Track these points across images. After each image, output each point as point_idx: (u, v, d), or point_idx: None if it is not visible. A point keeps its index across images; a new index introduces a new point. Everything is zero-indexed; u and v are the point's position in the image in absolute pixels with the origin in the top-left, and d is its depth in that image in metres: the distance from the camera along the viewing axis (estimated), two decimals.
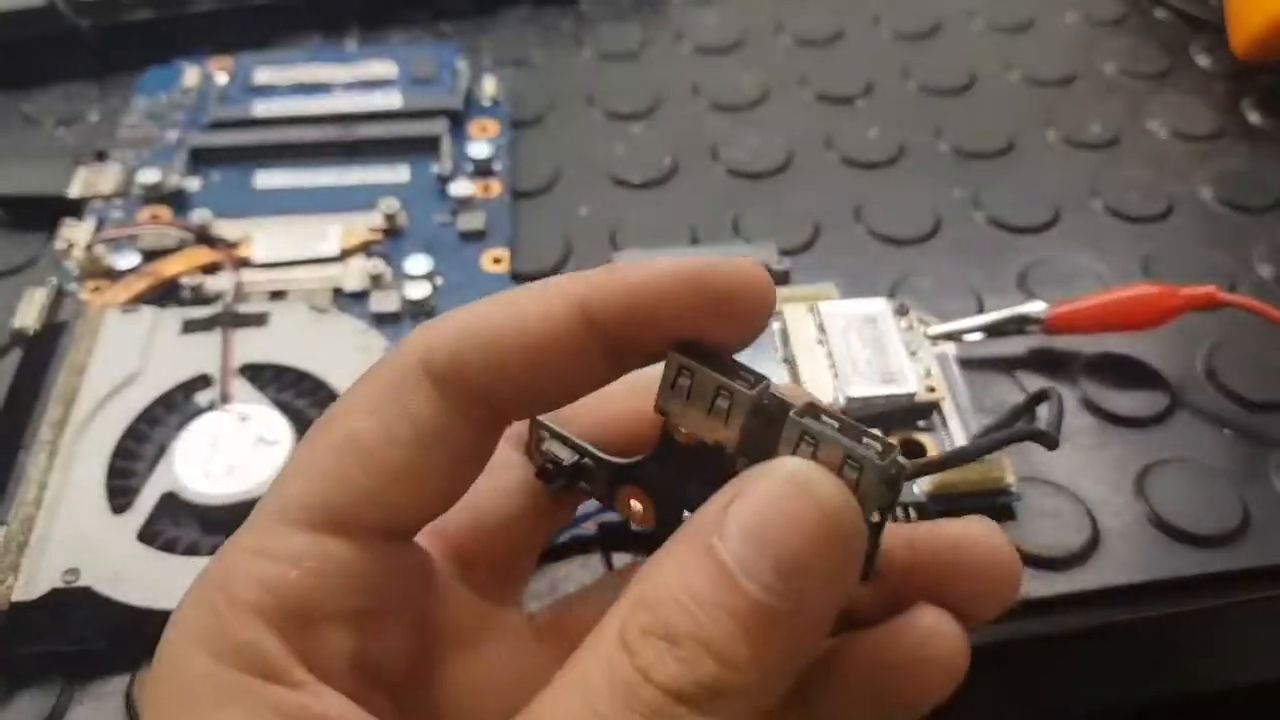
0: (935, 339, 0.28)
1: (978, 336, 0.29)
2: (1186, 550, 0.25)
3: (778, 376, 0.28)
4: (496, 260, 0.31)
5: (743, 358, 0.15)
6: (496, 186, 0.33)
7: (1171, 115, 0.38)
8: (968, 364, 0.28)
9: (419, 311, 0.29)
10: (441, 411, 0.15)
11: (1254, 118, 0.38)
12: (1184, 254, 0.33)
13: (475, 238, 0.31)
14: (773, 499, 0.13)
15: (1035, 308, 0.29)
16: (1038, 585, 0.24)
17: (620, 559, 0.25)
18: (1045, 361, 0.29)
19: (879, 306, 0.28)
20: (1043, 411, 0.19)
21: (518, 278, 0.31)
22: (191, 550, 0.23)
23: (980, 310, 0.31)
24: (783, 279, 0.30)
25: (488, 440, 0.16)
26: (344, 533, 0.15)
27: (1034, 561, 0.24)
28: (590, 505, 0.25)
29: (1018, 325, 0.29)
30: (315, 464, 0.15)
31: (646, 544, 0.24)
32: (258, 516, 0.15)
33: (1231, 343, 0.30)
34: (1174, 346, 0.29)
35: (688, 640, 0.13)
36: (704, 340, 0.15)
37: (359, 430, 0.15)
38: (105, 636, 0.23)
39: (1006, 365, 0.29)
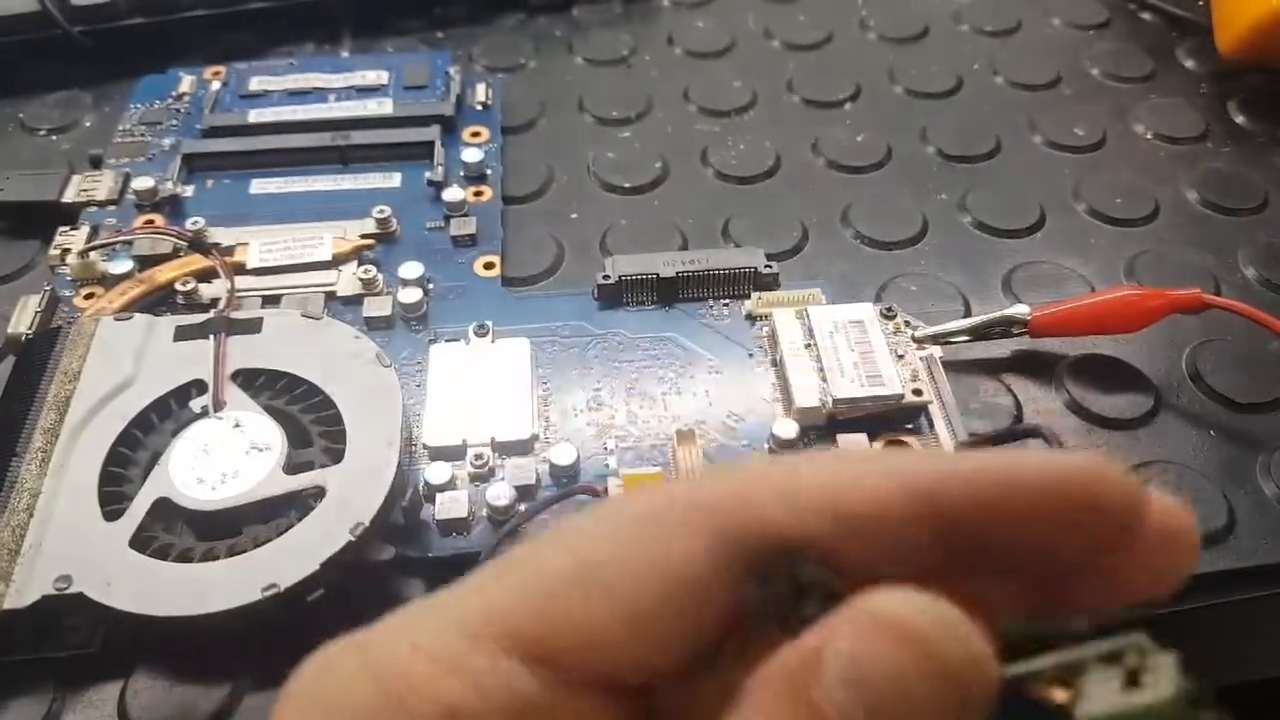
0: (921, 342, 0.29)
1: (964, 340, 0.29)
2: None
3: (764, 381, 0.28)
4: (488, 265, 0.31)
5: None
6: (488, 192, 0.33)
7: (1156, 117, 0.38)
8: (954, 367, 0.29)
9: (411, 316, 0.29)
10: (710, 565, 0.13)
11: (1240, 119, 0.38)
12: (1169, 256, 0.33)
13: (467, 243, 0.32)
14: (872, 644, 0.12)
15: (1020, 311, 0.29)
16: None
17: None
18: (1030, 364, 0.29)
19: (866, 311, 0.29)
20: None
21: (508, 282, 0.31)
22: (184, 557, 0.23)
23: (966, 313, 0.31)
24: (772, 283, 0.30)
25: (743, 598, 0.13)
26: (553, 671, 0.13)
27: None
28: (583, 506, 0.25)
29: (1003, 328, 0.29)
30: (532, 586, 0.13)
31: None
32: (449, 615, 0.13)
33: (1215, 344, 0.30)
34: (1158, 348, 0.30)
35: None
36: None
37: (599, 563, 0.13)
38: (98, 643, 0.23)
39: (992, 368, 0.29)
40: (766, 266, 0.30)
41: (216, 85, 0.37)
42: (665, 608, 0.13)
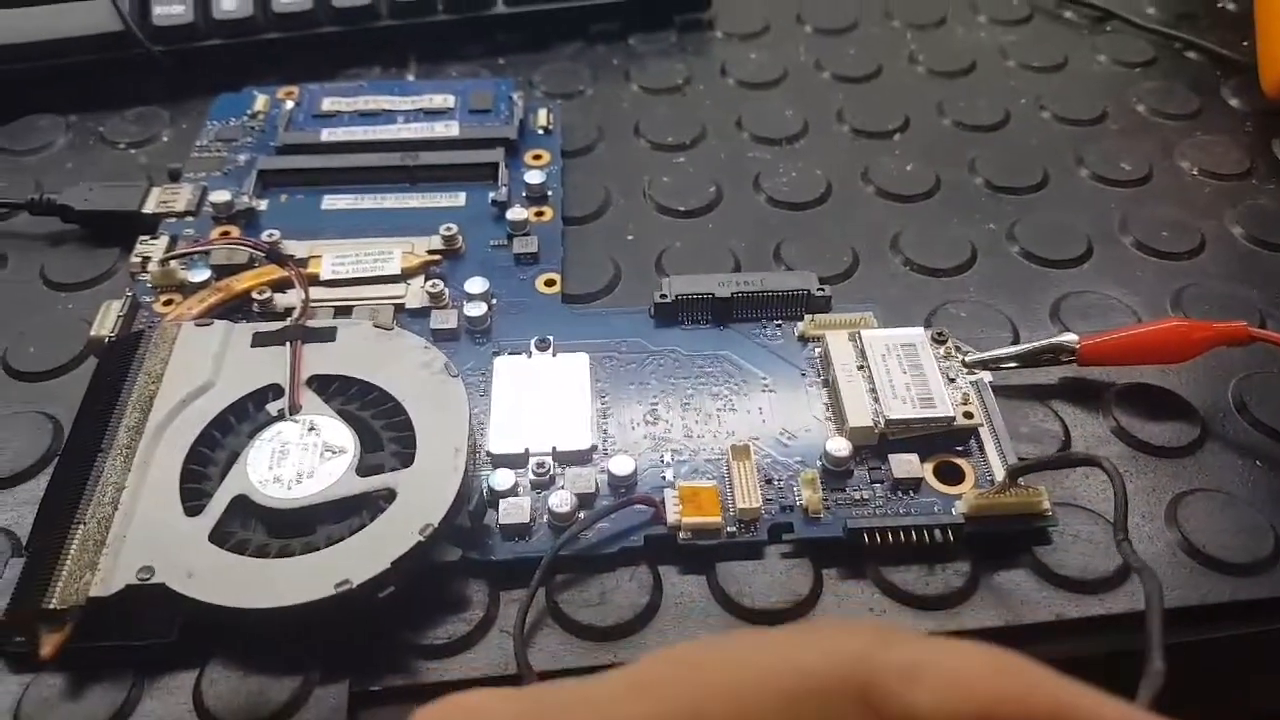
0: (972, 367, 0.29)
1: (1013, 365, 0.30)
2: (1217, 578, 0.26)
3: (816, 400, 0.29)
4: (549, 282, 0.32)
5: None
6: (549, 212, 0.35)
7: (1202, 154, 0.39)
8: (1002, 392, 0.29)
9: (475, 329, 0.31)
10: None
11: None
12: (1215, 290, 0.33)
13: (529, 260, 0.33)
14: None
15: (1069, 339, 0.30)
16: (1071, 608, 0.25)
17: (667, 570, 0.26)
18: (1078, 391, 0.30)
19: (917, 335, 0.30)
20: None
21: (568, 299, 0.32)
22: (260, 552, 0.24)
23: (1015, 340, 0.32)
24: (824, 305, 0.31)
25: None
26: None
27: (1068, 584, 0.25)
28: (639, 516, 0.26)
29: (1052, 355, 0.30)
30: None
31: (693, 559, 0.26)
32: None
33: (1260, 376, 0.30)
34: (1204, 379, 0.30)
35: None
36: None
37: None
38: (176, 633, 0.24)
39: (1041, 394, 0.30)
40: (819, 289, 0.31)
41: (290, 105, 0.38)
42: None
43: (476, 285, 0.31)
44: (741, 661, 0.14)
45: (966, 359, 0.30)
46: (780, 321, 0.31)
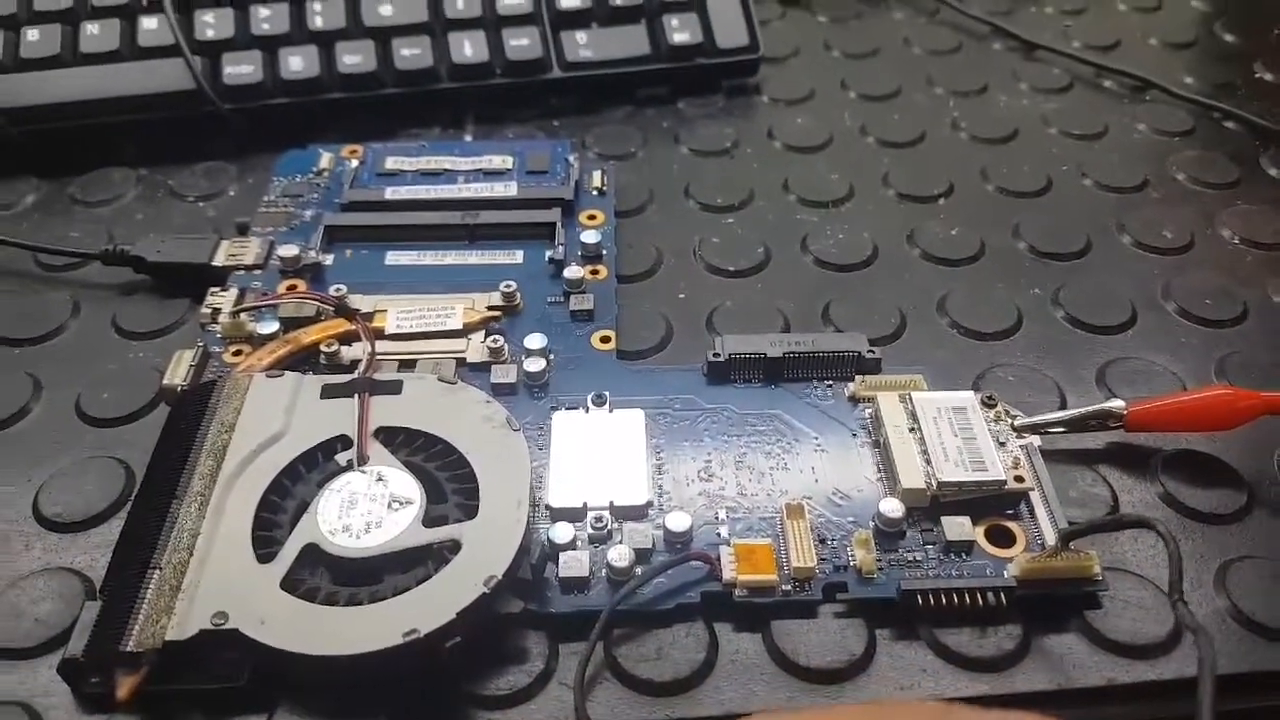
0: (1021, 431, 0.30)
1: (1061, 430, 0.30)
2: (1266, 645, 0.26)
3: (868, 461, 0.29)
4: (604, 339, 0.33)
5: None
6: (604, 271, 0.36)
7: (1242, 223, 0.39)
8: (1051, 456, 0.30)
9: (534, 384, 0.31)
10: None
11: None
12: (1258, 358, 0.34)
13: (585, 318, 0.34)
14: None
15: (1116, 405, 0.30)
16: (1121, 673, 0.25)
17: (722, 627, 0.26)
18: (1125, 457, 0.31)
19: (968, 398, 0.30)
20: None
21: (623, 355, 0.33)
22: (329, 600, 0.25)
23: (1062, 405, 0.32)
24: (874, 367, 0.32)
25: None
26: None
27: (1118, 650, 0.26)
28: (695, 572, 0.27)
29: (1100, 421, 0.30)
30: None
31: (748, 616, 0.26)
32: None
33: None
34: (1250, 447, 0.31)
35: None
36: None
37: None
38: (246, 678, 0.25)
39: (1088, 459, 0.30)
40: (869, 351, 0.32)
41: (355, 163, 0.40)
42: None
43: (535, 341, 0.32)
44: None
45: (1016, 423, 0.30)
46: (831, 382, 0.32)
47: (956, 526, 0.27)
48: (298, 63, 0.43)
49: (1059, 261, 0.38)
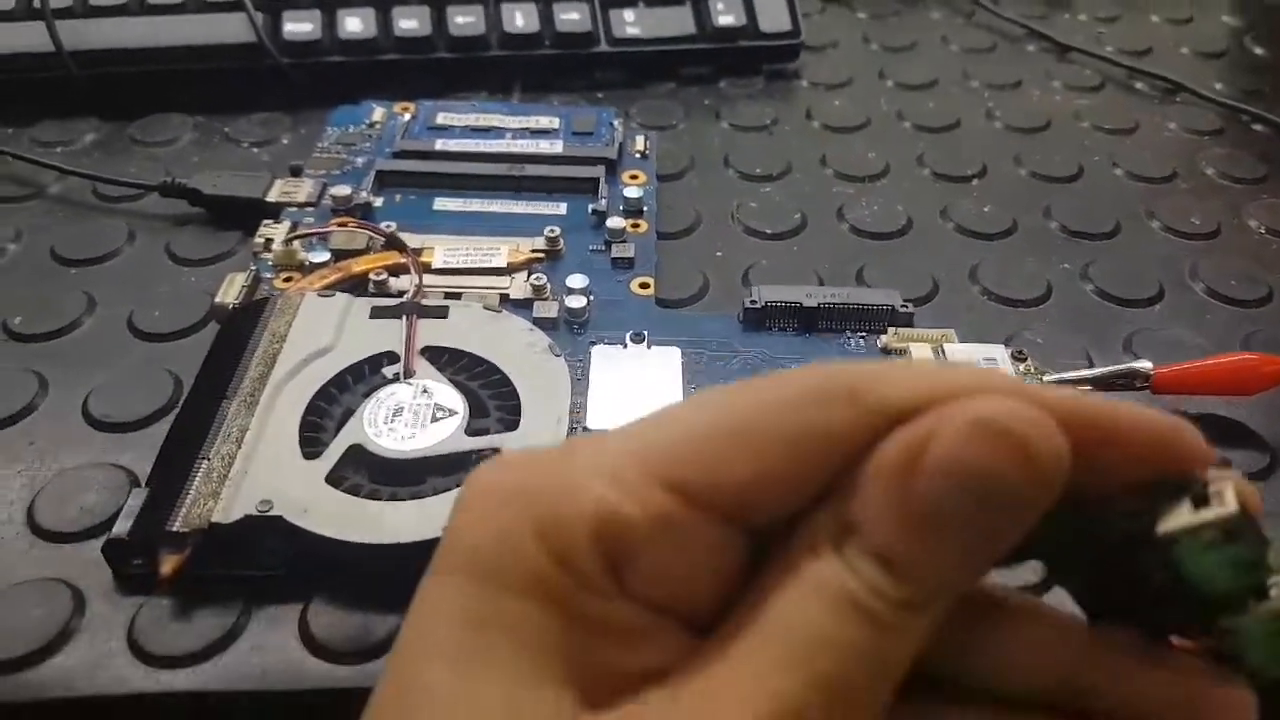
0: (1049, 385, 0.31)
1: (1088, 388, 0.31)
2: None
3: None
4: (644, 285, 0.34)
5: None
6: (644, 225, 0.37)
7: (1269, 214, 0.40)
8: None
9: (575, 320, 0.32)
10: (861, 435, 0.14)
11: None
12: None
13: (625, 265, 0.35)
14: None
15: (1144, 365, 0.31)
16: None
17: None
18: None
19: (999, 351, 0.31)
20: None
21: (661, 303, 0.34)
22: (372, 495, 0.26)
23: (1090, 367, 0.33)
24: (907, 321, 0.33)
25: None
26: (702, 509, 0.15)
27: None
28: None
29: (1127, 380, 0.31)
30: (700, 437, 0.15)
31: None
32: (618, 444, 0.15)
33: None
34: (1275, 413, 0.31)
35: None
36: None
37: (764, 427, 0.15)
38: (287, 565, 0.25)
39: None
40: (903, 306, 0.33)
41: (407, 117, 0.41)
42: (809, 468, 0.15)
43: (577, 281, 0.33)
44: (759, 380, 0.16)
45: (1045, 378, 0.31)
46: (864, 334, 0.33)
47: None
48: (355, 24, 0.44)
49: (1089, 240, 0.39)
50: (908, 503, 0.14)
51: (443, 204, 0.37)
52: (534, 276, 0.33)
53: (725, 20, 0.47)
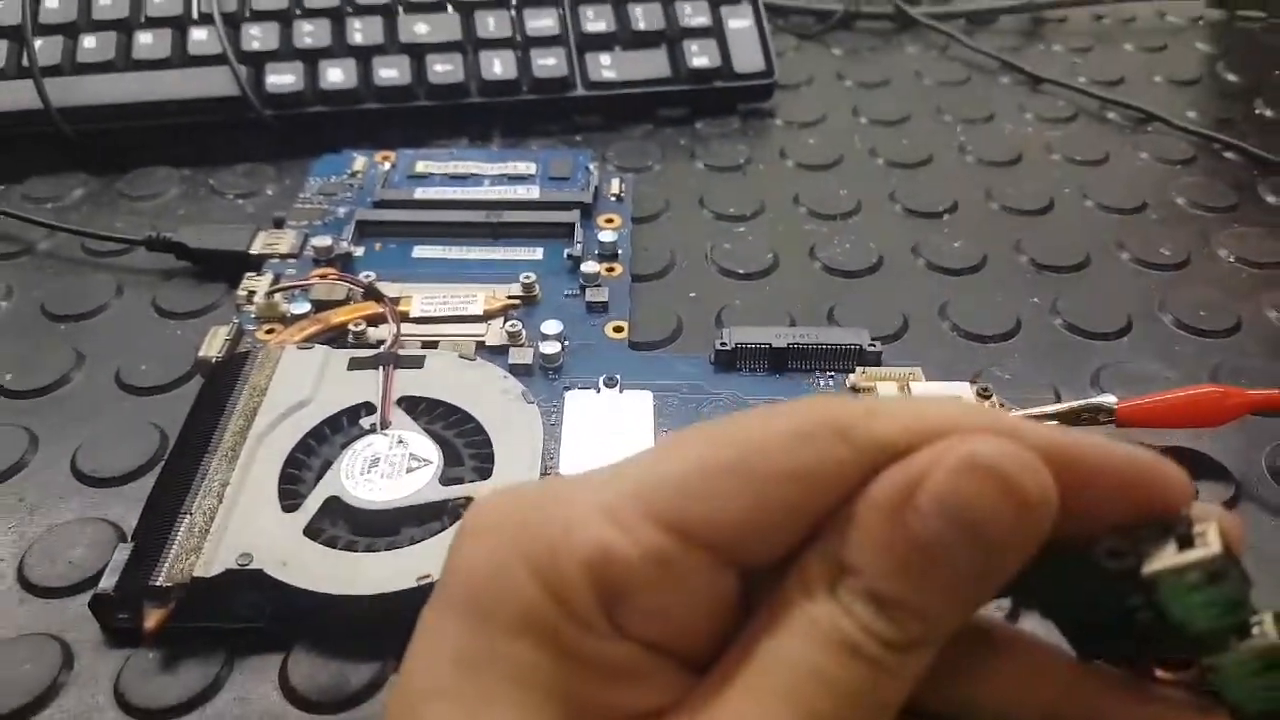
0: None
1: (1053, 423, 0.32)
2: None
3: None
4: (618, 329, 0.35)
5: None
6: (619, 268, 0.37)
7: (1239, 243, 0.41)
8: None
9: (549, 366, 0.33)
10: (851, 475, 0.15)
11: None
12: (1251, 366, 0.35)
13: (600, 309, 0.35)
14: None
15: (1107, 400, 0.31)
16: None
17: None
18: None
19: (964, 389, 0.32)
20: None
21: (634, 345, 0.35)
22: (350, 547, 0.27)
23: (1057, 401, 0.33)
24: (875, 360, 0.33)
25: None
26: (698, 548, 0.15)
27: None
28: None
29: (1091, 416, 0.31)
30: (694, 474, 0.15)
31: None
32: (613, 482, 0.15)
33: None
34: (1240, 445, 0.32)
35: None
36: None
37: (756, 465, 0.15)
38: (268, 616, 0.26)
39: None
40: (871, 345, 0.33)
41: (387, 166, 0.42)
42: (802, 504, 0.15)
43: (552, 327, 0.34)
44: (747, 418, 0.16)
45: (1010, 415, 0.31)
46: (833, 374, 0.33)
47: None
48: (336, 74, 0.45)
49: (1058, 274, 0.39)
50: (900, 542, 0.14)
51: (422, 252, 0.38)
52: (509, 323, 0.34)
53: (700, 62, 0.48)
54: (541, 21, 0.48)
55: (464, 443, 0.29)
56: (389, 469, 0.28)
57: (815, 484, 0.15)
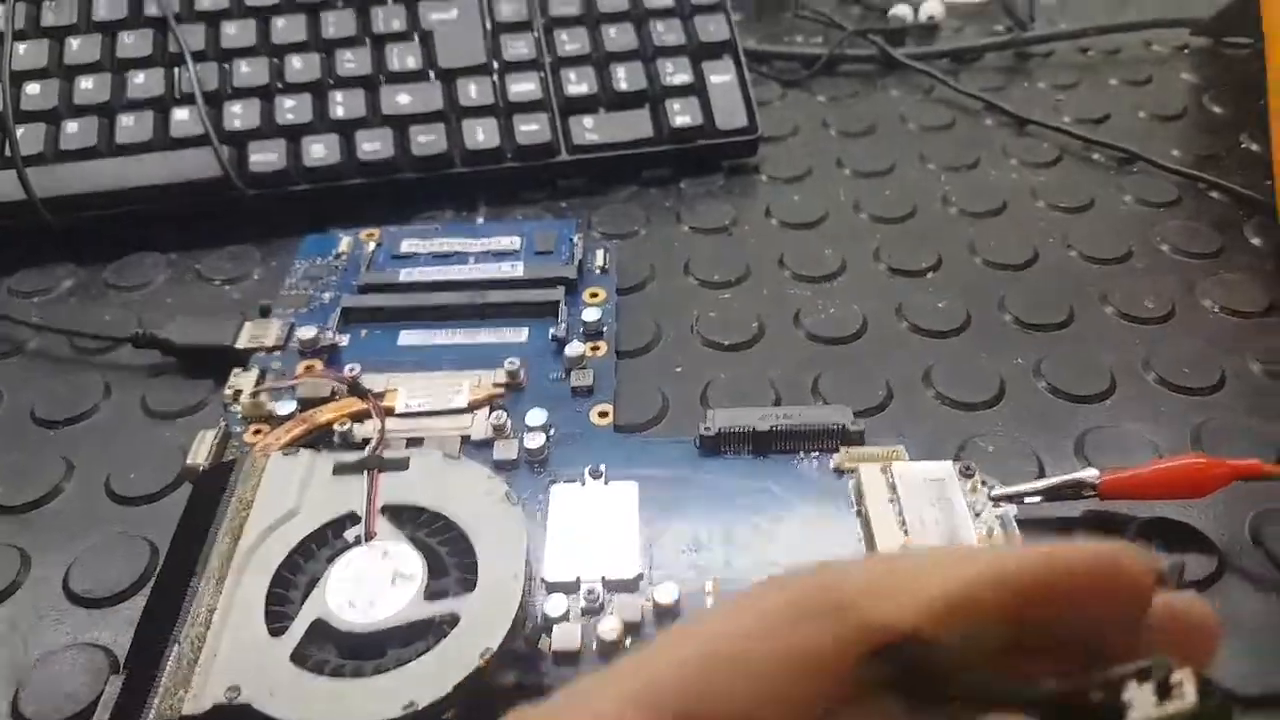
0: (997, 500, 0.31)
1: (1036, 500, 0.32)
2: (1238, 714, 0.27)
3: (850, 530, 0.31)
4: (602, 414, 0.35)
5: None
6: (604, 347, 0.38)
7: (1223, 291, 0.41)
8: (1027, 525, 0.31)
9: (534, 459, 0.33)
10: (848, 651, 0.16)
11: None
12: (1234, 425, 0.35)
13: (585, 393, 0.36)
14: None
15: (1090, 475, 0.31)
16: None
17: None
18: (1100, 524, 0.32)
19: (945, 469, 0.32)
20: None
21: (620, 429, 0.35)
22: (336, 672, 0.27)
23: (1040, 473, 0.33)
24: (858, 439, 0.33)
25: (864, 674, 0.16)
26: None
27: None
28: None
29: (1074, 490, 0.32)
30: (692, 666, 0.16)
31: None
32: (623, 685, 0.16)
33: (1277, 511, 0.32)
34: (1222, 513, 0.32)
35: None
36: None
37: (750, 649, 0.16)
38: None
39: (1064, 526, 0.32)
40: (854, 423, 0.33)
41: (372, 246, 0.42)
42: (803, 687, 0.16)
43: (536, 418, 0.34)
44: (748, 598, 0.17)
45: (992, 493, 0.31)
46: (818, 453, 0.33)
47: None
48: (319, 150, 0.45)
49: (1042, 332, 0.39)
50: None
51: (407, 338, 0.38)
52: (494, 415, 0.34)
53: (682, 120, 0.48)
54: (524, 86, 0.48)
55: (448, 551, 0.30)
56: (374, 585, 0.28)
57: (813, 665, 0.16)
